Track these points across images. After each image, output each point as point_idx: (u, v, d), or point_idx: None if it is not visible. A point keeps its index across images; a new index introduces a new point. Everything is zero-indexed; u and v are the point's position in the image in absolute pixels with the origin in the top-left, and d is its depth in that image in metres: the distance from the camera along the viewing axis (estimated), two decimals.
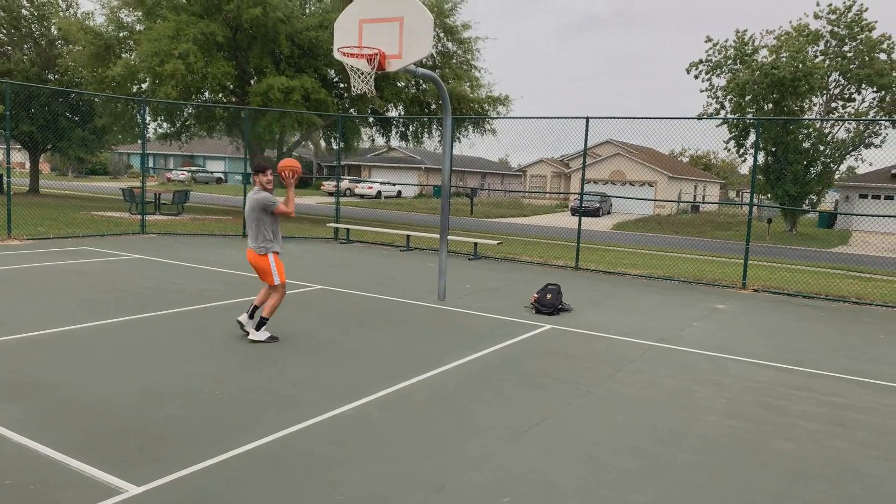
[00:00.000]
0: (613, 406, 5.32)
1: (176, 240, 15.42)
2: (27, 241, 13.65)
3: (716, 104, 30.85)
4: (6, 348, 6.01)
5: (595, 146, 46.44)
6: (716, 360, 6.96)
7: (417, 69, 8.46)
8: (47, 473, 3.72)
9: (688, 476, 4.12)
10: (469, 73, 23.99)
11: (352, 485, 3.78)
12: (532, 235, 21.73)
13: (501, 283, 11.29)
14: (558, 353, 6.85)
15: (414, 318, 8.26)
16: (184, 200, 23.29)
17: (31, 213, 19.31)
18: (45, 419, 4.47)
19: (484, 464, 4.14)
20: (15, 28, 29.76)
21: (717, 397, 5.70)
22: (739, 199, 59.03)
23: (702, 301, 10.62)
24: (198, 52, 19.68)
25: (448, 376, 5.88)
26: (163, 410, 4.74)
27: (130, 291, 8.89)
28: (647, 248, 19.67)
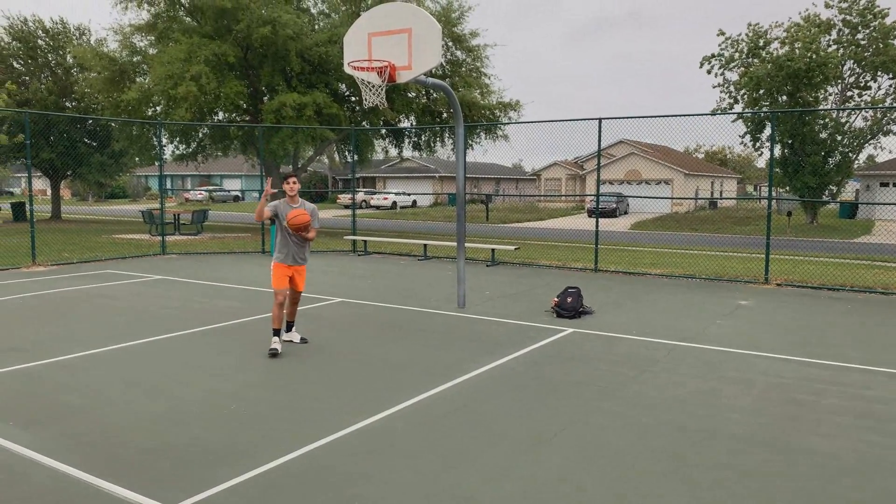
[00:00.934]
0: (639, 408, 5.28)
1: (196, 259, 15.58)
2: (51, 266, 13.87)
3: (729, 99, 30.62)
4: (35, 373, 6.10)
5: (609, 147, 46.25)
6: (741, 357, 6.88)
7: (428, 79, 8.50)
8: (80, 496, 3.77)
9: (718, 476, 4.08)
10: (479, 81, 24.05)
11: (376, 500, 3.78)
12: (549, 239, 21.67)
13: (521, 289, 11.26)
14: (581, 357, 6.81)
15: (434, 327, 8.27)
16: (202, 220, 23.54)
17: (54, 239, 19.63)
18: (76, 442, 4.52)
19: (510, 473, 4.13)
20: (32, 58, 30.35)
21: (744, 395, 5.63)
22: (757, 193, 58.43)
23: (724, 298, 10.51)
24: (210, 74, 19.94)
25: (470, 385, 5.87)
26: (189, 430, 4.78)
27: (154, 312, 8.99)
28: (666, 246, 19.52)
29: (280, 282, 6.91)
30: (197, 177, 65.05)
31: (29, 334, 7.66)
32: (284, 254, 6.95)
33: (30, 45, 30.07)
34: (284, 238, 6.92)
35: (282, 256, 6.95)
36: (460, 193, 9.59)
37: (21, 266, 13.62)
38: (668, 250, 18.17)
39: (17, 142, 23.55)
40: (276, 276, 6.92)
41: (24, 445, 4.44)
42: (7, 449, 4.40)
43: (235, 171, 63.37)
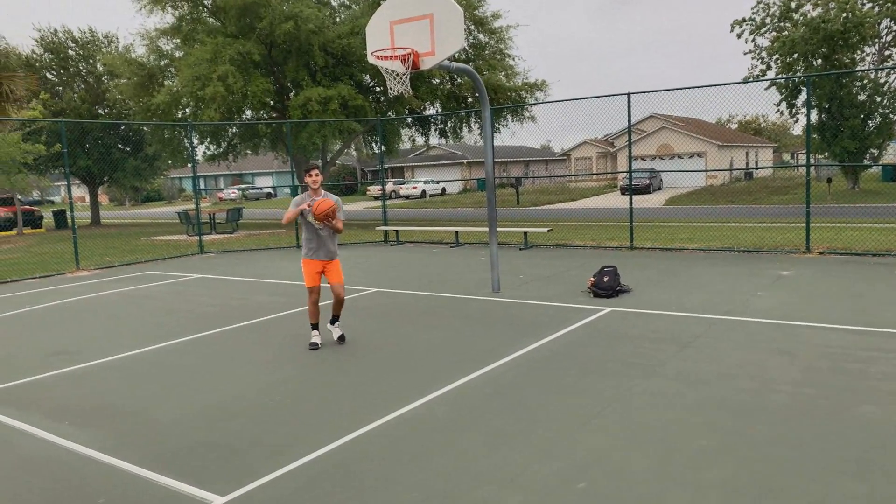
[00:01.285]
0: (682, 384, 5.22)
1: (234, 257, 15.83)
2: (95, 270, 14.23)
3: (762, 65, 29.83)
4: (86, 374, 6.29)
5: (639, 122, 45.54)
6: (785, 328, 6.75)
7: (451, 64, 8.46)
8: (136, 490, 3.88)
9: (766, 449, 4.02)
10: (503, 63, 23.83)
11: (422, 484, 3.82)
12: (582, 219, 21.48)
13: (555, 270, 11.20)
14: (620, 336, 6.76)
15: (470, 312, 8.28)
16: (237, 218, 23.89)
17: (95, 244, 20.14)
18: (129, 439, 4.66)
19: (553, 453, 4.13)
20: (64, 69, 31.04)
21: (790, 366, 5.53)
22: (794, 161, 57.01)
23: (765, 269, 10.31)
24: (236, 73, 20.14)
25: (509, 368, 5.87)
26: (235, 423, 4.88)
27: (195, 310, 9.17)
28: (702, 220, 19.20)
29: (312, 278, 6.75)
30: (229, 176, 66.00)
31: (78, 337, 7.89)
32: (313, 249, 6.77)
33: (61, 55, 30.76)
34: (311, 232, 6.73)
35: (310, 252, 6.77)
36: (490, 178, 9.55)
37: (66, 272, 14.00)
38: (705, 224, 17.87)
39: (54, 151, 24.15)
40: (307, 273, 6.76)
41: (80, 443, 4.59)
42: (64, 447, 4.55)
43: (266, 169, 64.11)
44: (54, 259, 16.30)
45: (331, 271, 6.83)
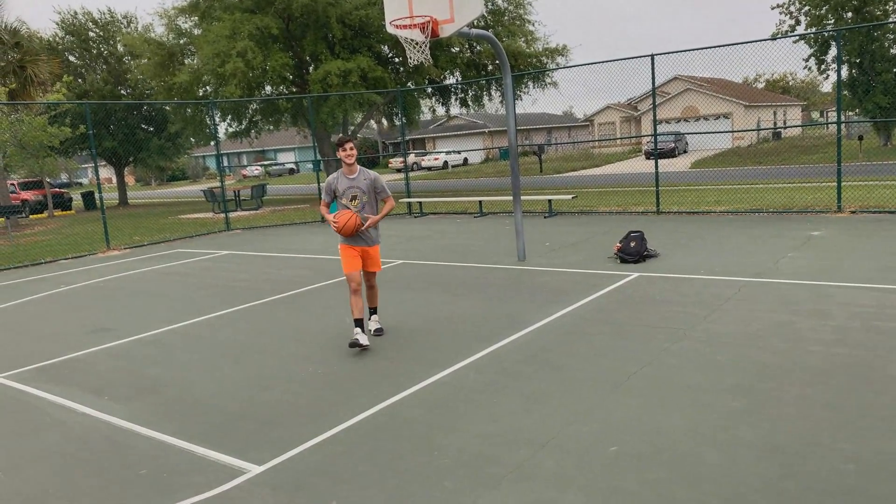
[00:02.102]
0: (713, 347, 5.20)
1: (260, 232, 15.99)
2: (125, 249, 14.48)
3: (790, 21, 28.98)
4: (125, 350, 6.44)
5: (663, 84, 44.65)
6: (817, 288, 6.66)
7: (471, 31, 8.35)
8: (177, 461, 4.00)
9: (798, 409, 4.00)
10: (523, 28, 23.45)
11: (457, 448, 3.87)
12: (607, 185, 21.27)
13: (581, 237, 11.14)
14: (649, 300, 6.73)
15: (497, 281, 8.29)
16: (262, 194, 24.06)
17: (124, 224, 20.46)
18: (168, 412, 4.78)
19: (586, 416, 4.15)
20: (86, 50, 31.26)
21: (822, 327, 5.47)
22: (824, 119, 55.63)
23: (795, 230, 10.15)
24: (255, 48, 20.10)
25: (539, 334, 5.88)
26: (270, 394, 4.98)
27: (225, 286, 9.31)
28: (730, 182, 18.89)
29: (350, 264, 5.95)
30: (252, 153, 66.32)
31: (113, 314, 8.06)
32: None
33: (82, 37, 30.96)
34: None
35: (347, 237, 6.01)
36: (512, 146, 9.47)
37: (97, 252, 14.27)
38: (733, 186, 17.58)
39: (80, 133, 24.45)
40: (345, 259, 5.99)
41: (121, 417, 4.72)
42: (106, 421, 4.68)
43: (288, 144, 64.26)
44: (85, 240, 16.61)
45: (368, 258, 6.09)
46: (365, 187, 5.92)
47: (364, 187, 5.91)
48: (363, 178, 5.93)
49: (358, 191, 5.89)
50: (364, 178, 5.92)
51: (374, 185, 5.96)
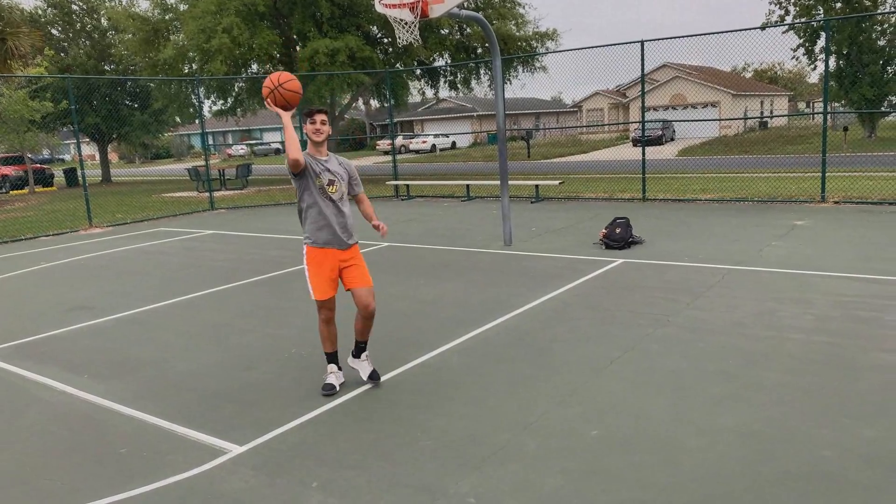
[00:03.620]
0: (695, 333, 5.23)
1: (244, 212, 15.86)
2: (107, 227, 14.31)
3: (780, 10, 29.02)
4: (105, 328, 6.37)
5: (652, 71, 44.60)
6: (799, 277, 6.71)
7: (461, 11, 8.27)
8: (157, 440, 3.96)
9: (779, 395, 4.03)
10: (513, 11, 23.31)
11: (440, 429, 3.87)
12: (594, 171, 21.29)
13: (567, 223, 11.15)
14: (633, 286, 6.75)
15: (483, 265, 8.28)
16: (247, 174, 23.84)
17: (107, 202, 20.21)
18: (149, 391, 4.74)
19: (569, 399, 4.16)
20: (69, 24, 30.67)
21: (803, 315, 5.51)
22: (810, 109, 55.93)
23: (779, 219, 10.21)
24: (241, 25, 19.82)
25: (524, 318, 5.89)
26: (253, 375, 4.95)
27: (209, 265, 9.23)
28: (715, 171, 18.98)
29: (321, 283, 4.37)
30: (237, 132, 65.67)
31: (94, 292, 7.97)
32: (322, 229, 4.38)
33: (65, 10, 30.36)
34: (317, 204, 4.37)
35: (319, 236, 4.38)
36: (501, 129, 9.43)
37: (79, 229, 14.09)
38: (718, 175, 17.67)
39: (62, 108, 24.06)
40: (314, 275, 4.39)
41: (101, 396, 4.67)
42: (86, 400, 4.64)
43: (275, 124, 63.67)
44: (67, 216, 16.40)
45: (351, 268, 4.46)
46: (343, 173, 4.49)
47: (342, 173, 4.49)
48: (338, 162, 4.51)
49: (336, 177, 4.43)
50: (339, 163, 4.53)
51: (350, 174, 4.57)
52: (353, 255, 4.54)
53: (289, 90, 4.29)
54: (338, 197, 4.44)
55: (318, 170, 4.37)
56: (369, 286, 4.51)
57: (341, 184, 4.48)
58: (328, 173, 4.41)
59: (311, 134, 4.37)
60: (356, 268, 4.50)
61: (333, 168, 4.46)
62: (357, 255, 4.58)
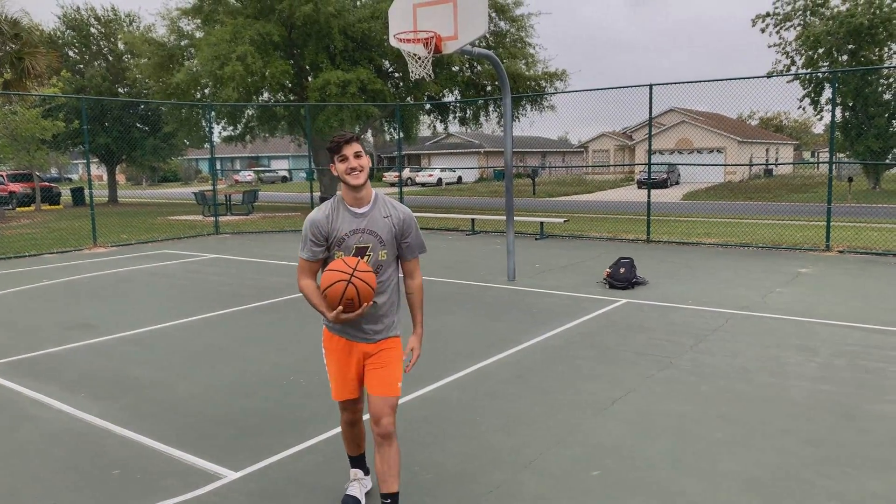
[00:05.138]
0: (698, 377, 5.18)
1: (249, 238, 15.90)
2: (111, 247, 14.33)
3: (786, 60, 29.42)
4: (105, 348, 6.34)
5: (658, 115, 45.11)
6: (803, 324, 6.68)
7: (474, 49, 8.40)
8: (151, 463, 3.91)
9: (782, 442, 3.98)
10: (524, 51, 23.65)
11: (437, 465, 3.82)
12: (599, 211, 21.36)
13: (571, 261, 11.15)
14: (636, 327, 6.72)
15: (485, 299, 8.26)
16: (253, 200, 23.95)
17: (112, 222, 20.29)
18: (145, 413, 4.69)
19: (569, 439, 4.11)
20: (86, 46, 31.19)
21: (807, 363, 5.47)
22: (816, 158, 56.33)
23: (783, 266, 10.20)
24: (255, 53, 20.13)
25: (525, 355, 5.85)
26: (251, 401, 4.90)
27: (210, 289, 9.21)
28: (720, 216, 19.03)
29: (338, 381, 3.27)
30: (245, 158, 66.20)
31: (96, 311, 7.95)
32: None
33: (83, 33, 30.89)
34: None
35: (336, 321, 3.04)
36: (508, 165, 9.50)
37: (83, 248, 14.12)
38: (723, 220, 17.71)
39: (74, 128, 24.31)
40: (330, 365, 3.29)
41: (97, 416, 4.62)
42: (81, 419, 4.59)
43: (282, 152, 64.23)
44: (72, 235, 16.43)
45: (374, 367, 3.18)
46: (385, 231, 3.09)
47: (384, 231, 3.09)
48: (382, 212, 3.11)
49: (372, 238, 3.07)
50: (384, 213, 3.11)
51: (403, 228, 3.14)
52: (383, 350, 3.18)
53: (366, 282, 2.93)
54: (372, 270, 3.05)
55: (342, 232, 3.04)
56: (389, 395, 3.11)
57: (380, 248, 3.09)
58: (357, 235, 3.04)
59: (347, 176, 3.02)
60: (381, 369, 3.15)
61: (371, 224, 3.06)
62: (389, 350, 3.19)
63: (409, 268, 3.28)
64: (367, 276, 2.94)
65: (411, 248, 3.23)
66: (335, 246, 3.07)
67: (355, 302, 2.93)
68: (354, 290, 2.90)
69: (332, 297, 2.91)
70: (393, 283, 3.20)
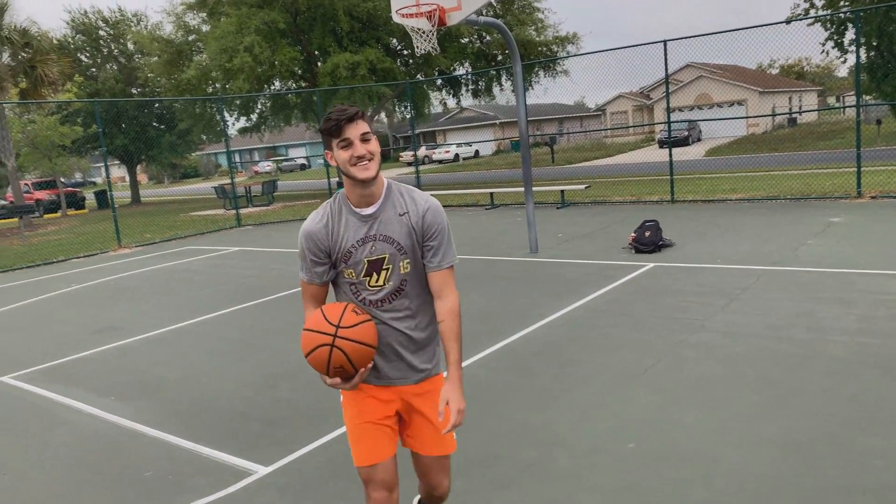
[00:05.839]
0: (731, 338, 5.03)
1: (270, 228, 15.94)
2: (136, 247, 14.47)
3: (804, 3, 28.45)
4: (132, 349, 6.38)
5: (675, 72, 44.08)
6: (838, 276, 6.46)
7: (479, 18, 8.19)
8: (181, 462, 3.91)
9: (823, 402, 3.84)
10: (532, 17, 23.22)
11: (467, 447, 3.75)
12: (620, 175, 21.03)
13: (595, 228, 10.97)
14: (665, 291, 6.57)
15: (509, 273, 8.15)
16: (273, 190, 24.03)
17: (135, 222, 20.51)
18: (173, 412, 4.70)
19: (600, 412, 4.02)
20: (97, 49, 31.36)
21: (845, 315, 5.29)
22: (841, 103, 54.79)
23: (814, 216, 9.92)
24: (262, 43, 20.03)
25: (552, 328, 5.75)
26: (277, 393, 4.88)
27: (234, 283, 9.24)
28: (745, 170, 18.61)
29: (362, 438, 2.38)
30: (263, 149, 66.45)
31: (122, 313, 8.01)
32: None
33: (93, 36, 31.05)
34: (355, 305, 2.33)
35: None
36: (523, 135, 9.31)
37: (109, 250, 14.28)
38: (748, 174, 17.31)
39: (92, 132, 24.55)
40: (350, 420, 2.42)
41: (126, 417, 4.64)
42: (112, 422, 4.61)
43: (299, 140, 64.31)
44: (97, 238, 16.64)
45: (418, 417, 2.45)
46: (404, 235, 2.29)
47: (402, 235, 2.29)
48: (397, 209, 2.31)
49: (388, 247, 2.29)
50: (399, 209, 2.30)
51: (425, 226, 2.30)
52: (429, 393, 2.40)
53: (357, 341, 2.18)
54: (385, 293, 2.30)
55: (346, 244, 2.27)
56: (445, 453, 2.48)
57: (397, 262, 2.28)
58: (367, 245, 2.26)
59: (352, 168, 2.19)
60: (426, 422, 2.40)
61: (384, 229, 2.26)
62: (437, 393, 2.36)
63: (438, 283, 2.32)
64: (357, 332, 2.16)
65: (437, 252, 2.30)
66: (341, 262, 2.30)
67: (347, 368, 2.18)
68: (342, 356, 2.15)
69: (317, 366, 2.23)
70: (430, 303, 2.38)
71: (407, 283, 2.33)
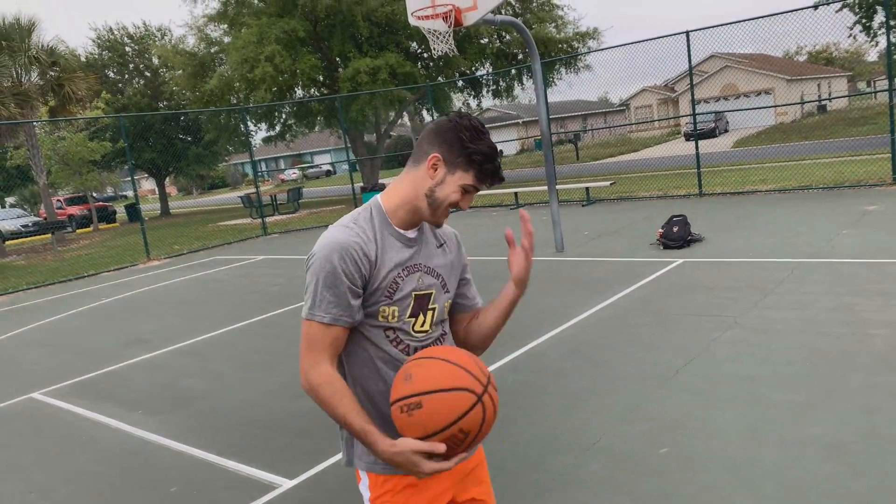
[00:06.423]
0: (766, 334, 4.86)
1: (296, 236, 16.00)
2: (164, 259, 14.63)
3: None
4: (160, 362, 6.40)
5: (699, 63, 43.43)
6: (877, 266, 6.23)
7: (496, 17, 8.09)
8: (208, 477, 3.88)
9: (866, 399, 3.67)
10: (552, 14, 23.03)
11: (497, 454, 3.65)
12: (646, 169, 20.72)
13: (621, 224, 10.79)
14: (696, 287, 6.39)
15: (535, 273, 7.98)
16: (298, 198, 24.15)
17: (164, 234, 20.77)
18: (199, 425, 4.68)
19: (633, 415, 3.89)
20: (123, 65, 31.91)
21: (886, 308, 5.08)
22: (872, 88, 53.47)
23: (848, 206, 9.62)
24: (283, 52, 20.15)
25: (581, 328, 5.62)
26: (301, 404, 4.83)
27: (260, 292, 9.25)
28: (775, 160, 18.20)
29: None
30: (288, 157, 67.03)
31: (151, 325, 8.07)
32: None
33: (119, 52, 31.59)
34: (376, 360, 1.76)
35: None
36: (545, 133, 9.19)
37: (138, 262, 14.45)
38: (778, 164, 16.92)
39: (120, 147, 24.96)
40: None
41: (153, 432, 4.63)
42: (139, 437, 4.60)
43: (323, 147, 64.74)
44: (127, 251, 16.87)
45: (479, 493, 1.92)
46: (446, 269, 1.89)
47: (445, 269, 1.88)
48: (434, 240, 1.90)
49: (434, 281, 1.82)
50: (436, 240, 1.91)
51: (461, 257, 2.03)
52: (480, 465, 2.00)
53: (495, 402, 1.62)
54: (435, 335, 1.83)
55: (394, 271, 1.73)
56: None
57: (440, 300, 1.85)
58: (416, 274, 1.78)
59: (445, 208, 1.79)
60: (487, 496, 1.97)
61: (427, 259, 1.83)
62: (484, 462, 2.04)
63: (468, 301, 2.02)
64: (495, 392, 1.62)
65: (471, 285, 2.01)
66: (381, 296, 1.71)
67: (470, 437, 1.57)
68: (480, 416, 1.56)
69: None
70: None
71: (443, 325, 1.85)
